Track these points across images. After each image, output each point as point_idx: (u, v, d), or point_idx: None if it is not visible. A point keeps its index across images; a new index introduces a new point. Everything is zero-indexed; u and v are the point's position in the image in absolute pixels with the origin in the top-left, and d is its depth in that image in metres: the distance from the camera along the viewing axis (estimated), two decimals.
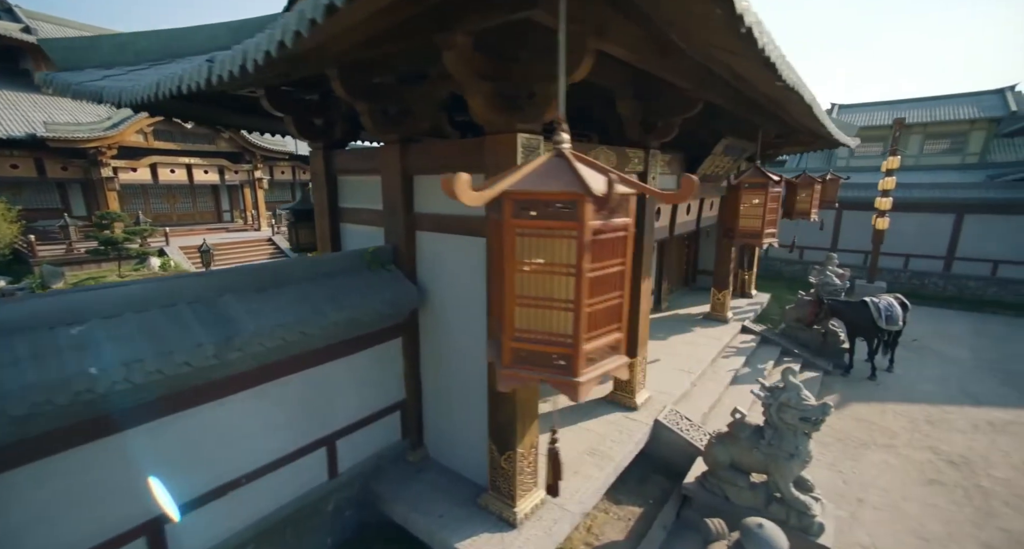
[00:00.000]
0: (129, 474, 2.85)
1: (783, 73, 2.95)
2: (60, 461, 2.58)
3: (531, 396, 3.91)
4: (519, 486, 3.96)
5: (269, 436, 3.60)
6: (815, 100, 4.61)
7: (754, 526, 2.29)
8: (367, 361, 4.28)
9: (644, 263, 5.62)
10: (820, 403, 4.12)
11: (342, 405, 4.12)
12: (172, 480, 3.05)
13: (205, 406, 3.14)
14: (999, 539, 4.60)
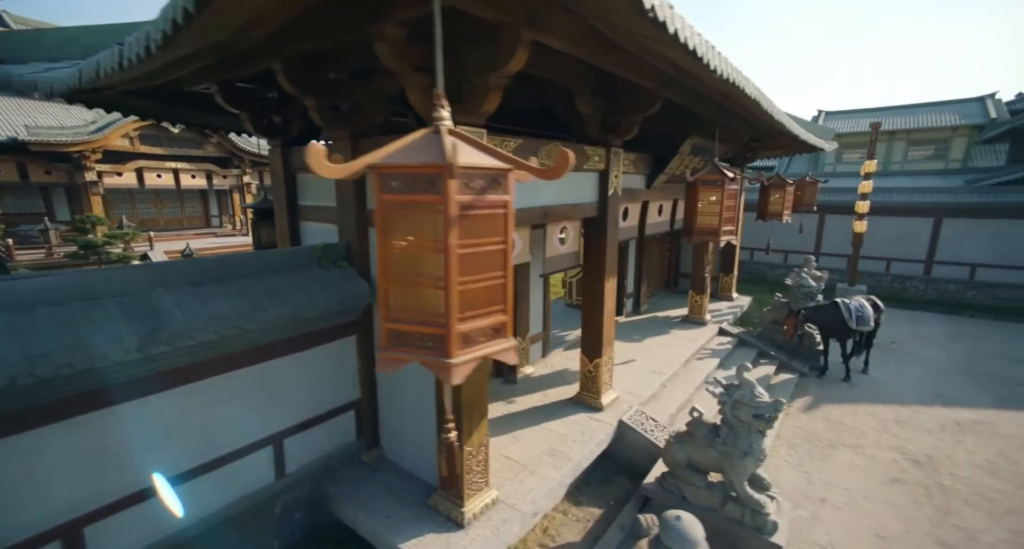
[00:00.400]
0: (41, 474, 2.77)
1: (711, 63, 2.96)
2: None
3: (478, 393, 3.86)
4: (467, 485, 3.89)
5: (210, 434, 3.53)
6: (761, 94, 4.66)
7: (671, 519, 2.25)
8: (318, 359, 4.23)
9: (608, 262, 5.61)
10: (773, 400, 4.09)
11: (291, 403, 4.05)
12: (92, 481, 2.97)
13: (136, 402, 3.07)
14: (954, 536, 4.57)
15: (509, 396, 6.26)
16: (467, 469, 3.87)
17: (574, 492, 5.10)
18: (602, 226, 5.51)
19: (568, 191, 4.95)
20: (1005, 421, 6.80)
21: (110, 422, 2.98)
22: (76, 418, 2.84)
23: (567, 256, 5.31)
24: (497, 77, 3.13)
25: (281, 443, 4.00)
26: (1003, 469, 5.65)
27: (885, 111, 26.91)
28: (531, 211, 4.42)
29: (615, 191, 5.53)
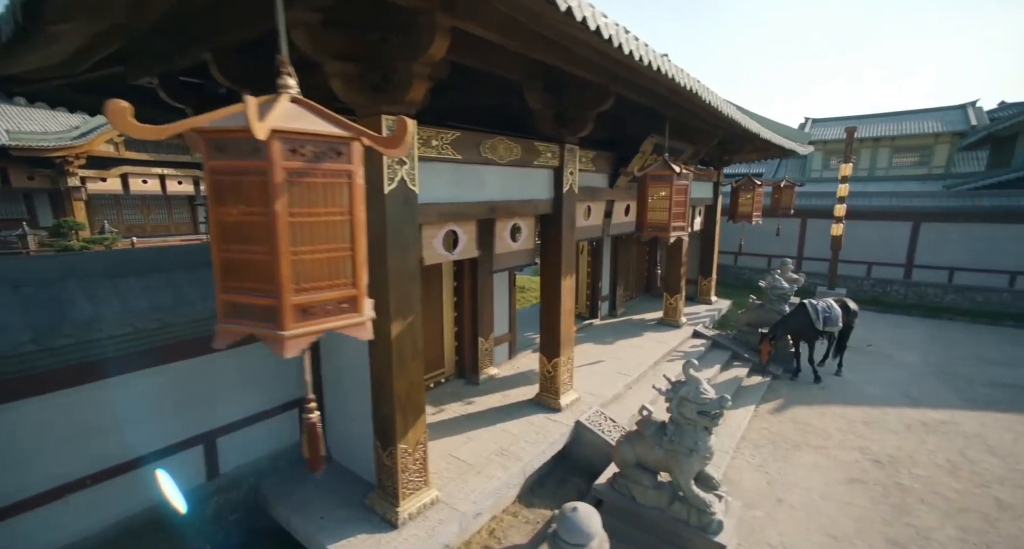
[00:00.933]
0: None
1: (624, 46, 2.96)
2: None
3: (414, 389, 3.77)
4: (403, 484, 3.80)
5: (129, 431, 3.43)
6: (703, 88, 4.68)
7: (568, 511, 2.18)
8: (257, 356, 4.14)
9: (564, 261, 5.56)
10: (718, 396, 4.02)
11: (225, 401, 3.96)
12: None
13: (43, 398, 2.98)
14: (905, 535, 4.49)
15: (469, 397, 6.17)
16: (402, 467, 3.77)
17: (527, 494, 5.01)
18: (557, 223, 5.48)
19: (517, 186, 4.92)
20: (969, 421, 6.75)
21: (11, 419, 2.88)
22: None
23: (520, 254, 5.26)
24: (420, 65, 3.09)
25: (213, 442, 3.90)
26: (962, 468, 5.59)
27: (870, 118, 27.26)
28: (474, 205, 4.38)
29: (571, 188, 5.50)
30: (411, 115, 3.45)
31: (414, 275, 3.67)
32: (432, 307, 6.24)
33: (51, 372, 2.84)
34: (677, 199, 4.73)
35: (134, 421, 3.42)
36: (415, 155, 3.51)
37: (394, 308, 3.53)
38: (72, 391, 3.07)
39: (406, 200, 3.49)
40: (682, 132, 7.82)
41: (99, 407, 3.21)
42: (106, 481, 3.32)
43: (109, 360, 3.12)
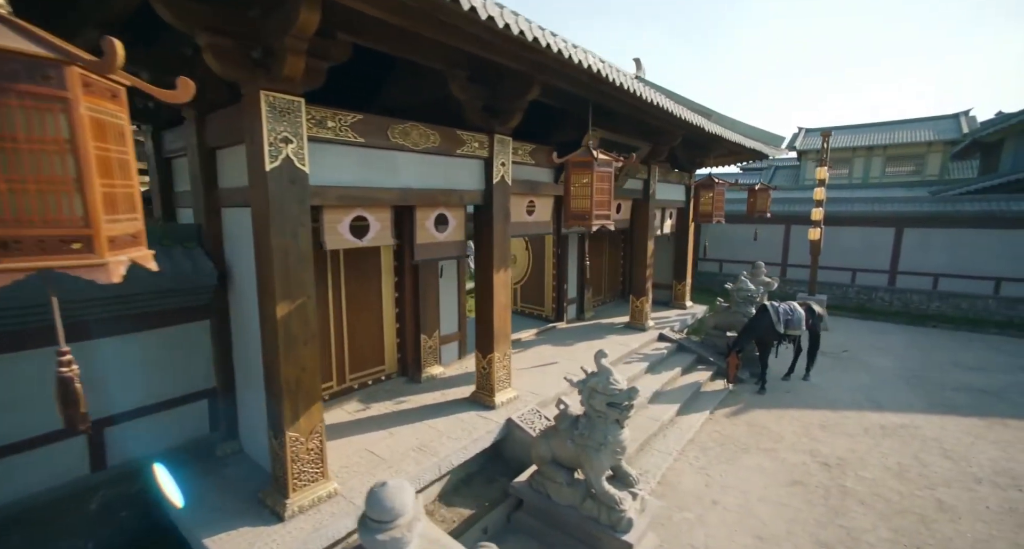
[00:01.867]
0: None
1: (520, 28, 2.89)
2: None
3: (306, 375, 3.65)
4: (293, 475, 3.66)
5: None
6: (625, 78, 4.61)
7: (376, 487, 2.05)
8: (157, 342, 4.05)
9: (497, 254, 5.46)
10: (629, 387, 3.87)
11: (115, 389, 3.84)
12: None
13: None
14: (836, 536, 4.27)
15: (406, 394, 6.03)
16: (292, 457, 3.64)
17: (450, 493, 4.84)
18: (489, 215, 5.39)
19: (440, 175, 4.85)
20: (930, 425, 6.50)
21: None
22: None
23: (448, 245, 5.16)
24: (294, 39, 3.04)
25: (100, 432, 3.77)
26: (911, 471, 5.35)
27: (863, 128, 27.16)
28: (385, 191, 4.30)
29: (503, 179, 5.43)
30: (297, 93, 3.41)
31: (305, 257, 3.58)
32: (371, 303, 6.14)
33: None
34: (599, 186, 4.64)
35: (7, 407, 3.32)
36: (303, 134, 3.44)
37: (280, 290, 3.44)
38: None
39: (293, 180, 3.42)
40: (640, 130, 7.78)
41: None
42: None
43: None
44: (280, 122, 3.28)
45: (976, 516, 4.56)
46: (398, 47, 4.15)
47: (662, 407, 6.68)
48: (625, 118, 7.31)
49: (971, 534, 4.30)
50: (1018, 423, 6.57)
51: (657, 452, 5.79)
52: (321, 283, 5.54)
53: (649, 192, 8.96)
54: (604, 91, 5.26)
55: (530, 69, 4.72)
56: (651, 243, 9.25)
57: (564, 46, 4.13)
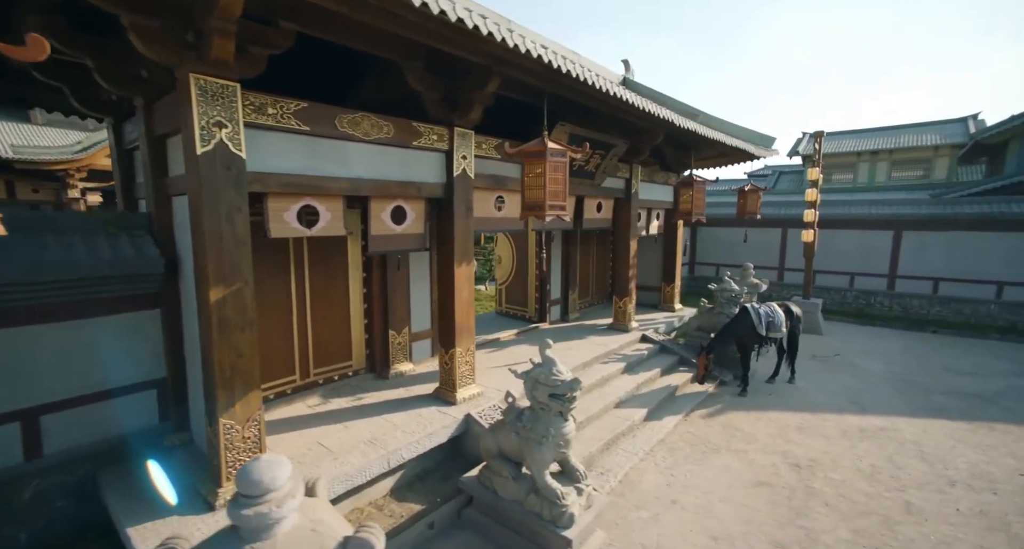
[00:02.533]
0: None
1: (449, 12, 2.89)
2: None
3: (243, 361, 3.62)
4: (227, 463, 3.62)
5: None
6: (581, 69, 4.58)
7: (250, 461, 2.00)
8: (102, 330, 4.06)
9: (459, 247, 5.43)
10: (571, 378, 3.78)
11: (54, 376, 3.82)
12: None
13: None
14: (794, 536, 4.11)
15: (371, 390, 5.98)
16: (226, 444, 3.60)
17: (404, 488, 4.77)
18: (450, 208, 5.37)
19: (397, 166, 4.84)
20: (912, 428, 6.28)
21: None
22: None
23: (405, 238, 5.13)
24: (219, 20, 3.05)
25: (36, 420, 3.75)
26: (884, 473, 5.16)
27: (868, 132, 26.86)
28: (335, 181, 4.29)
29: (464, 172, 5.41)
30: (231, 78, 3.42)
31: (242, 243, 3.57)
32: (337, 298, 6.12)
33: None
34: (553, 177, 4.58)
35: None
36: (239, 119, 3.45)
37: (213, 274, 3.42)
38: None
39: (228, 165, 3.42)
40: (618, 128, 7.71)
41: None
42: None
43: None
44: (213, 106, 3.29)
45: (943, 518, 4.37)
46: (347, 37, 4.16)
47: (634, 407, 6.55)
48: (602, 115, 7.27)
49: (935, 536, 4.12)
50: (1005, 427, 6.33)
51: (623, 451, 5.65)
52: (283, 276, 5.55)
53: (632, 191, 8.88)
54: (566, 84, 5.23)
55: (487, 61, 4.72)
56: (634, 243, 9.15)
57: (509, 35, 4.11)
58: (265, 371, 5.44)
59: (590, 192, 7.97)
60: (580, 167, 7.24)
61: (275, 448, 4.49)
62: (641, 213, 9.76)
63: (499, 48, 4.18)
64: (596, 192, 8.12)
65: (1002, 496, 4.72)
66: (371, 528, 2.10)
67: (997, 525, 4.26)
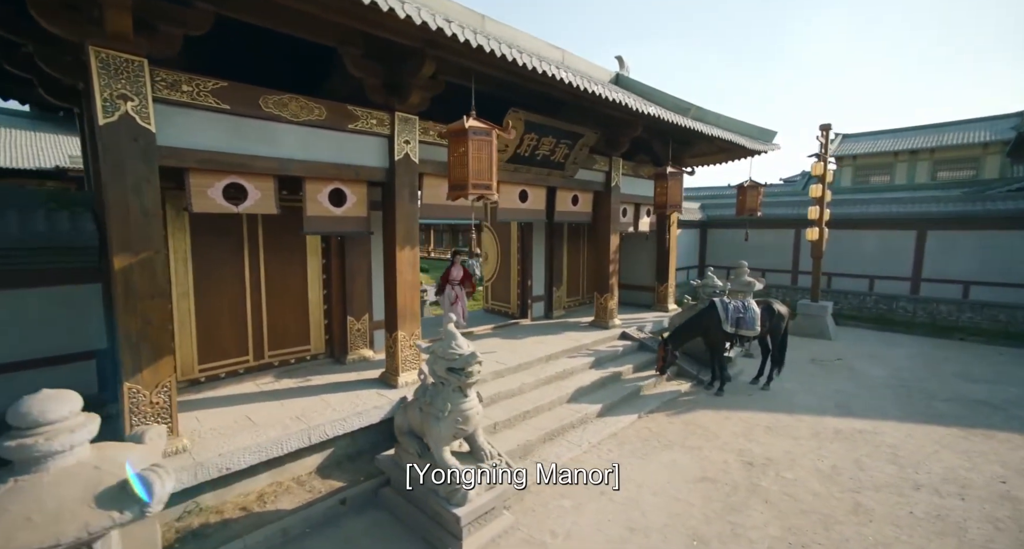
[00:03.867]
0: None
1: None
2: None
3: (150, 329, 3.74)
4: (132, 427, 3.73)
5: None
6: (499, 46, 4.55)
7: (29, 395, 2.04)
8: (38, 300, 4.29)
9: (401, 231, 5.46)
10: (469, 352, 3.70)
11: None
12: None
13: None
14: (717, 531, 3.84)
15: (323, 373, 6.06)
16: (131, 409, 3.72)
17: (331, 467, 4.78)
18: (391, 193, 5.42)
19: (333, 149, 4.93)
20: (895, 432, 5.77)
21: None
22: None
23: (346, 220, 5.20)
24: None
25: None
26: (844, 474, 4.75)
27: (907, 132, 25.39)
28: (261, 160, 4.41)
29: (407, 157, 5.45)
30: (139, 53, 3.58)
31: (150, 213, 3.71)
32: (295, 283, 6.27)
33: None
34: (476, 155, 4.53)
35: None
36: (147, 94, 3.62)
37: (118, 242, 3.58)
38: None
39: (135, 137, 3.59)
40: (593, 120, 7.57)
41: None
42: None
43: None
44: (117, 79, 3.47)
45: (891, 520, 3.96)
46: (273, 21, 4.31)
47: (592, 402, 6.33)
48: (572, 107, 7.20)
49: (873, 537, 3.74)
50: (1006, 435, 5.72)
51: (567, 442, 5.46)
52: (236, 258, 5.74)
53: (611, 185, 8.70)
54: (512, 70, 5.19)
55: (419, 44, 4.77)
56: (615, 238, 8.94)
57: (432, 19, 4.12)
58: (215, 350, 5.67)
59: (562, 183, 7.86)
60: (545, 156, 7.17)
61: (204, 419, 4.62)
62: (627, 209, 9.54)
63: (420, 30, 4.19)
64: (569, 184, 8.00)
65: (969, 502, 4.24)
66: (159, 469, 2.11)
67: (951, 530, 3.83)
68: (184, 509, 3.89)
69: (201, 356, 5.55)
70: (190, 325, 5.43)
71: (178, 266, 5.31)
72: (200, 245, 5.46)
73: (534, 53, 7.02)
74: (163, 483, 2.03)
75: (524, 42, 7.89)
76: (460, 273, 8.72)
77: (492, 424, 5.32)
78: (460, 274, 8.70)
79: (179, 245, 5.31)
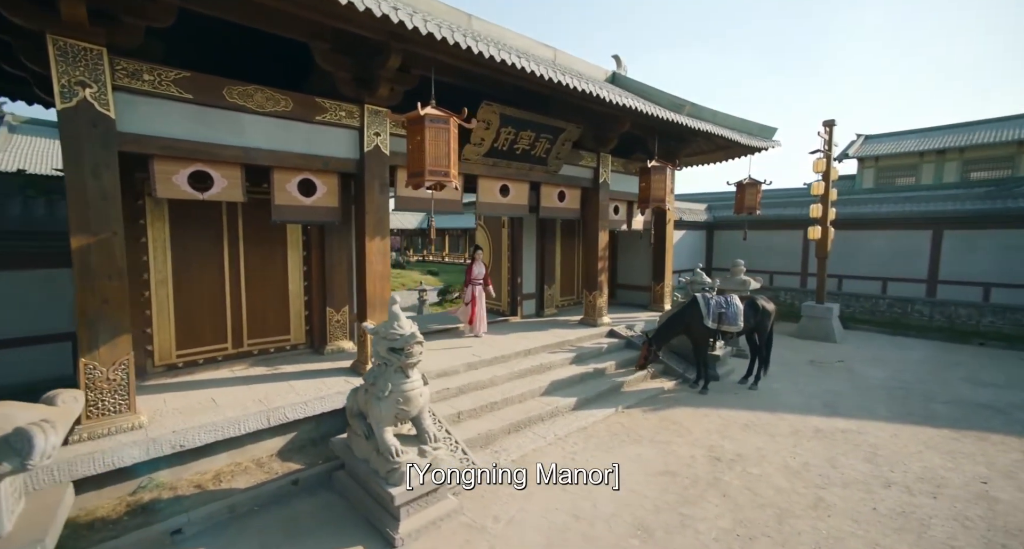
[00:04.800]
0: None
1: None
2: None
3: (108, 307, 3.89)
4: (89, 403, 3.87)
5: None
6: (462, 38, 4.61)
7: None
8: (17, 282, 4.51)
9: (371, 221, 5.54)
10: (410, 332, 3.72)
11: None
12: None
13: None
14: (665, 521, 3.75)
15: (299, 362, 6.17)
16: (88, 384, 3.85)
17: (293, 450, 4.85)
18: (361, 184, 5.51)
19: (296, 139, 5.05)
20: (880, 432, 5.51)
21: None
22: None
23: (316, 210, 5.30)
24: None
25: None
26: (813, 471, 4.55)
27: (933, 131, 24.44)
28: (226, 148, 4.56)
29: (377, 149, 5.55)
30: (98, 43, 3.76)
31: (109, 196, 3.87)
32: (275, 274, 6.42)
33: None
34: (433, 143, 4.57)
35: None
36: (106, 82, 3.80)
37: (76, 223, 3.74)
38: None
39: (95, 122, 3.77)
40: (579, 116, 7.55)
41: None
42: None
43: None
44: (75, 66, 3.65)
45: (851, 516, 3.77)
46: (237, 14, 4.45)
47: (566, 396, 6.24)
48: (557, 102, 7.21)
49: (827, 531, 3.56)
50: (1001, 438, 5.39)
51: (533, 434, 5.40)
52: (215, 249, 5.92)
53: (600, 181, 8.64)
54: (478, 61, 5.21)
55: (386, 38, 4.87)
56: (603, 234, 8.85)
57: (393, 12, 4.21)
58: (194, 337, 5.84)
59: (546, 179, 7.85)
60: (525, 151, 7.17)
61: (171, 401, 4.75)
62: (619, 206, 9.45)
63: (381, 23, 4.27)
64: (554, 179, 7.98)
65: (940, 500, 4.00)
66: (45, 424, 2.18)
67: (912, 527, 3.62)
68: (139, 484, 4.00)
69: (179, 342, 5.73)
70: (168, 311, 5.62)
71: (157, 254, 5.51)
72: (180, 235, 5.65)
73: (523, 51, 7.14)
74: (47, 437, 2.10)
75: (511, 40, 7.98)
76: (482, 270, 8.03)
77: (456, 413, 5.32)
78: (482, 272, 8.01)
79: (158, 234, 5.52)
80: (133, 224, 5.34)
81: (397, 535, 3.53)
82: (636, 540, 3.55)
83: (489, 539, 3.60)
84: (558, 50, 8.89)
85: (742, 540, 3.53)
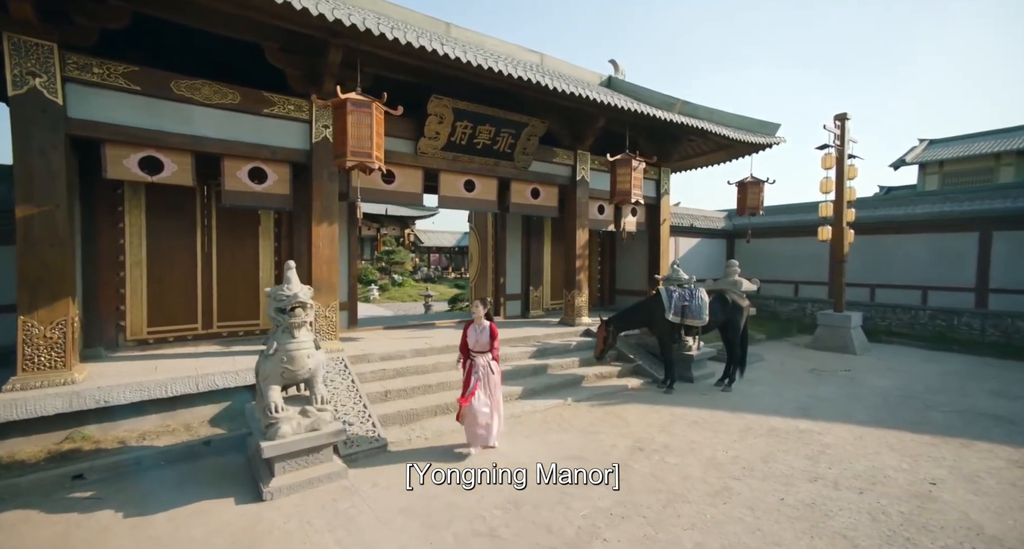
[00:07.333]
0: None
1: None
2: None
3: (48, 273, 4.34)
4: (24, 357, 4.28)
5: None
6: (396, 32, 4.84)
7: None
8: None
9: (317, 208, 5.83)
10: (294, 293, 3.85)
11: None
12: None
13: None
14: (540, 499, 3.59)
15: (259, 343, 6.45)
16: (24, 340, 4.25)
17: (226, 419, 5.04)
18: (309, 173, 5.83)
19: (245, 130, 5.46)
20: (845, 434, 4.97)
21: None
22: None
23: (266, 196, 5.63)
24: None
25: None
26: (738, 464, 4.17)
27: (992, 134, 22.17)
28: (175, 136, 5.02)
29: (325, 140, 5.86)
30: (49, 39, 4.31)
31: (55, 174, 4.36)
32: (246, 260, 6.86)
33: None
34: (356, 126, 4.72)
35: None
36: (56, 73, 4.34)
37: (22, 195, 4.24)
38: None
39: (44, 108, 4.30)
40: (549, 112, 7.60)
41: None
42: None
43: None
44: (27, 59, 4.22)
45: (749, 504, 3.39)
46: (192, 18, 4.95)
47: (513, 386, 6.09)
48: (528, 99, 7.27)
49: (712, 516, 3.22)
50: (990, 446, 4.67)
51: None
52: (188, 235, 6.44)
53: (577, 179, 8.56)
54: (429, 57, 5.45)
55: (325, 35, 5.21)
56: (582, 233, 8.69)
57: (329, 11, 4.53)
58: (165, 316, 6.32)
59: (516, 175, 7.88)
60: (487, 145, 7.28)
61: (121, 368, 5.13)
62: (603, 206, 9.27)
63: (318, 21, 4.60)
64: (525, 176, 8.00)
65: (864, 496, 3.51)
66: None
67: (812, 517, 3.20)
68: (67, 435, 4.33)
69: (151, 320, 6.23)
70: (141, 291, 6.14)
71: (133, 239, 6.09)
72: (156, 222, 6.22)
73: (507, 55, 7.37)
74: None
75: (493, 46, 8.25)
76: (486, 333, 4.68)
77: (384, 392, 5.36)
78: (485, 338, 4.67)
79: (135, 221, 6.10)
80: (111, 211, 5.97)
81: (266, 488, 3.60)
82: (500, 510, 3.39)
83: (356, 501, 3.57)
84: (545, 55, 9.07)
85: (614, 518, 3.27)
